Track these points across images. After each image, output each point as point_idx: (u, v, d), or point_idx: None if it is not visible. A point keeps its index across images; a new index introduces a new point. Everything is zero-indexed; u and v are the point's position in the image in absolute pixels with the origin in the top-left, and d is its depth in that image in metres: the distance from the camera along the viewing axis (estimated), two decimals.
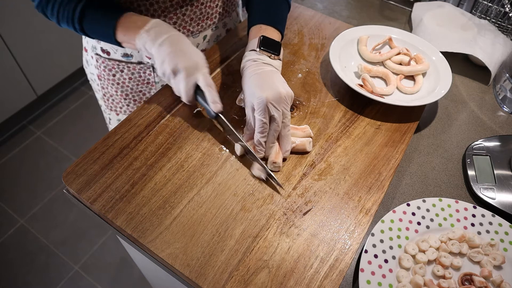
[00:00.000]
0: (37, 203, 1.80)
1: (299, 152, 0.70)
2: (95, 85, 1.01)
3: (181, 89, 0.68)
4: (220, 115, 0.68)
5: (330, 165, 0.69)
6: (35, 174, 1.91)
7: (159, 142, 0.70)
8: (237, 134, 0.68)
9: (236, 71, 0.84)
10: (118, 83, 0.93)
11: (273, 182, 0.66)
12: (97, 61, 0.92)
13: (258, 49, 0.72)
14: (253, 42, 0.73)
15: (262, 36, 0.73)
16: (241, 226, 0.61)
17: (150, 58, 0.88)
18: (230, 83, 0.82)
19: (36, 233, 1.71)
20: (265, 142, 0.67)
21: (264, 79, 0.68)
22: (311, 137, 0.72)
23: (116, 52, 0.87)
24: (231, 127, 0.68)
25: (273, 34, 0.76)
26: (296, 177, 0.67)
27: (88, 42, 0.92)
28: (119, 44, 0.73)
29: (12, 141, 2.02)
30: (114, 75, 0.92)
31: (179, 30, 0.84)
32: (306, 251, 0.59)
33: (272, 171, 0.67)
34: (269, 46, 0.73)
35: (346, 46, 0.88)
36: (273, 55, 0.73)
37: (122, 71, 0.91)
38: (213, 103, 0.67)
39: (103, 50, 0.88)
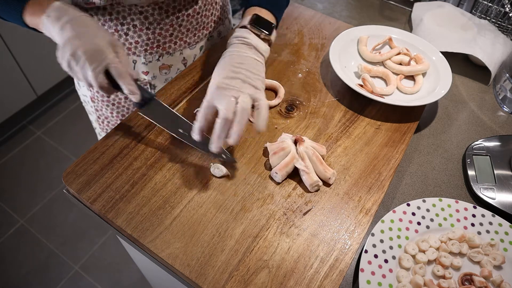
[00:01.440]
0: (37, 203, 1.80)
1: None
2: (89, 107, 0.97)
3: (89, 77, 0.59)
4: (154, 99, 0.62)
5: (330, 165, 0.69)
6: (35, 174, 1.91)
7: (159, 142, 0.70)
8: (179, 117, 0.64)
9: None
10: (113, 104, 0.90)
11: (227, 161, 0.67)
12: None
13: (248, 25, 0.67)
14: (245, 20, 0.69)
15: (255, 14, 0.68)
16: (241, 226, 0.61)
17: (146, 74, 0.84)
18: None
19: (36, 233, 1.71)
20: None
21: (227, 62, 0.63)
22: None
23: None
24: (171, 110, 0.64)
25: (268, 16, 0.71)
26: (296, 177, 0.67)
27: None
28: (35, 29, 0.66)
29: (12, 141, 2.02)
30: (108, 96, 0.88)
31: (175, 42, 0.82)
32: (306, 251, 0.59)
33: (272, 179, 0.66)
34: (260, 25, 0.67)
35: (346, 46, 0.88)
36: (263, 34, 0.67)
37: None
38: (131, 94, 0.61)
39: None
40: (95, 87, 0.60)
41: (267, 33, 0.68)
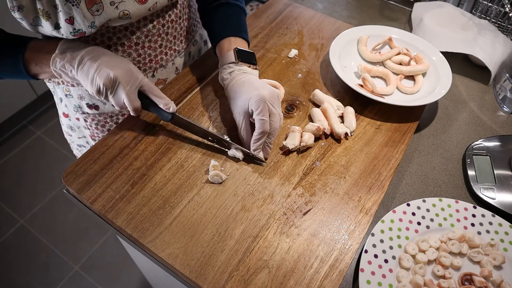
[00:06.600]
0: (37, 203, 1.80)
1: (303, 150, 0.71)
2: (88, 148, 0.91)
3: (125, 101, 0.64)
4: (175, 113, 0.68)
5: (330, 165, 0.69)
6: (35, 174, 1.90)
7: (159, 142, 0.70)
8: (198, 125, 0.68)
9: None
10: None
11: (254, 159, 0.68)
12: (85, 120, 0.85)
13: (237, 61, 0.71)
14: (229, 55, 0.72)
15: (236, 48, 0.72)
16: (241, 226, 0.61)
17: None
18: None
19: (36, 233, 1.71)
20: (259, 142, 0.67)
21: (254, 83, 0.68)
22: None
23: (106, 104, 0.81)
24: (190, 121, 0.69)
25: (242, 44, 0.75)
26: (296, 177, 0.67)
27: (67, 106, 0.84)
28: (34, 77, 0.69)
29: (12, 141, 2.02)
30: (109, 130, 0.85)
31: (166, 53, 0.81)
32: (306, 251, 0.59)
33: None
34: (246, 57, 0.72)
35: (346, 46, 0.88)
36: (252, 66, 0.73)
37: (117, 124, 0.84)
38: (166, 106, 0.66)
39: (90, 106, 0.81)
40: (132, 111, 0.65)
41: (255, 64, 0.74)
